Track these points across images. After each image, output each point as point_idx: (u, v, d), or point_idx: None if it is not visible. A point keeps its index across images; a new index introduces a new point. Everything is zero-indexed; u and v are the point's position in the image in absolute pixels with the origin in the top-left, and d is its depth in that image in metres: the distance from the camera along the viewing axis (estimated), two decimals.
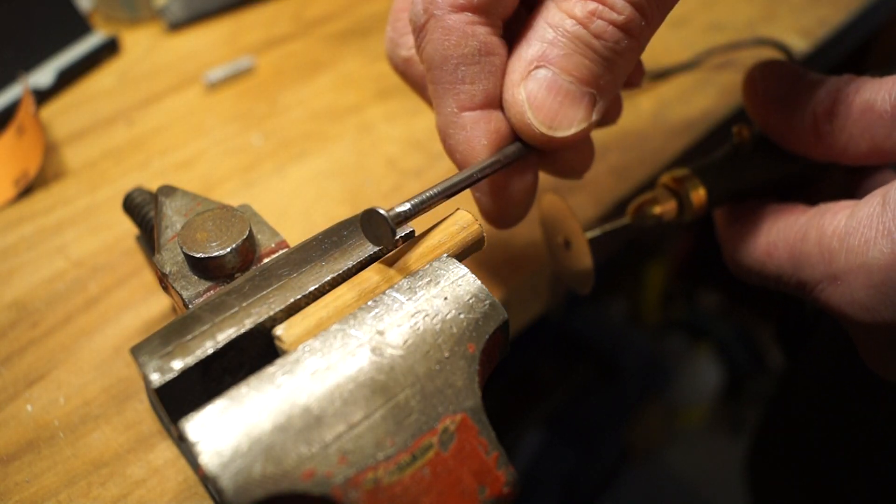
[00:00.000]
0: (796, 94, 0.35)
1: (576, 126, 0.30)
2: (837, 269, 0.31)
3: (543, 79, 0.30)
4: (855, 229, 0.31)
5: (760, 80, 0.37)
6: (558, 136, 0.30)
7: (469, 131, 0.32)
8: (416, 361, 0.26)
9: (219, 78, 0.62)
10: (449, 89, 0.31)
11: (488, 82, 0.31)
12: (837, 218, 0.32)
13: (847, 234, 0.31)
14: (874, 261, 0.29)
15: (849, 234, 0.31)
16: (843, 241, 0.31)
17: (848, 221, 0.31)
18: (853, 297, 0.31)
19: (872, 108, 0.32)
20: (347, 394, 0.25)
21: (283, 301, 0.28)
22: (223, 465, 0.23)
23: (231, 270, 0.32)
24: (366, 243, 0.30)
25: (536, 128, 0.30)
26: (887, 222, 0.29)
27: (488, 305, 0.28)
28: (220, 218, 0.33)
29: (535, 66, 0.30)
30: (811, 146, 0.35)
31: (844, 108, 0.33)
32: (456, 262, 0.29)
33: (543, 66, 0.29)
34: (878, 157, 0.34)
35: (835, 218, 0.32)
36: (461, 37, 0.30)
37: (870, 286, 0.30)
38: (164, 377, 0.26)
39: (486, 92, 0.31)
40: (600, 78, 0.30)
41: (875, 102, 0.32)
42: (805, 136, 0.35)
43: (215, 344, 0.27)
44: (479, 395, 0.26)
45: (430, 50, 0.31)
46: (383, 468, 0.24)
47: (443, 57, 0.31)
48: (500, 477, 0.25)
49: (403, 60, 0.37)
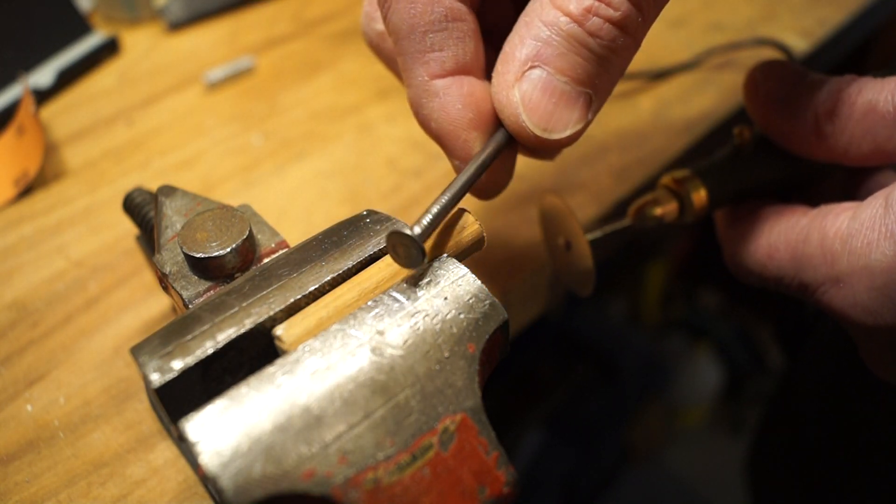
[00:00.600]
0: (797, 95, 0.35)
1: (571, 128, 0.30)
2: (839, 271, 0.31)
3: (538, 80, 0.29)
4: (857, 231, 0.30)
5: (762, 81, 0.36)
6: (553, 138, 0.30)
7: (442, 97, 0.31)
8: (416, 361, 0.26)
9: (219, 78, 0.62)
10: (418, 58, 0.30)
11: (457, 48, 0.30)
12: (839, 220, 0.32)
13: (849, 236, 0.31)
14: (877, 263, 0.29)
15: (851, 236, 0.31)
16: (845, 243, 0.31)
17: (850, 223, 0.31)
18: (855, 300, 0.31)
19: (875, 108, 0.32)
20: (347, 394, 0.25)
21: (283, 301, 0.28)
22: (223, 465, 0.23)
23: (231, 270, 0.32)
24: (366, 243, 0.30)
25: (531, 130, 0.29)
26: (890, 224, 0.29)
27: (488, 305, 0.28)
28: (220, 218, 0.33)
29: (530, 67, 0.29)
30: (812, 147, 0.35)
31: (846, 108, 0.33)
32: (456, 262, 0.29)
33: (538, 66, 0.29)
34: (879, 158, 0.33)
35: (837, 220, 0.32)
36: (426, 4, 0.29)
37: (872, 288, 0.30)
38: (164, 377, 0.26)
39: (455, 58, 0.30)
40: (596, 78, 0.29)
41: (877, 103, 0.32)
42: (806, 136, 0.35)
43: (215, 344, 0.27)
44: (479, 395, 0.26)
45: (396, 20, 0.30)
46: (383, 468, 0.24)
47: (409, 26, 0.30)
48: (500, 477, 0.25)
49: (378, 34, 0.36)
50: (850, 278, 0.31)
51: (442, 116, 0.31)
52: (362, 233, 0.31)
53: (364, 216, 0.32)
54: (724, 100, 0.58)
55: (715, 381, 1.46)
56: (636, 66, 0.60)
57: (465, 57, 0.31)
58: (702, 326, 1.49)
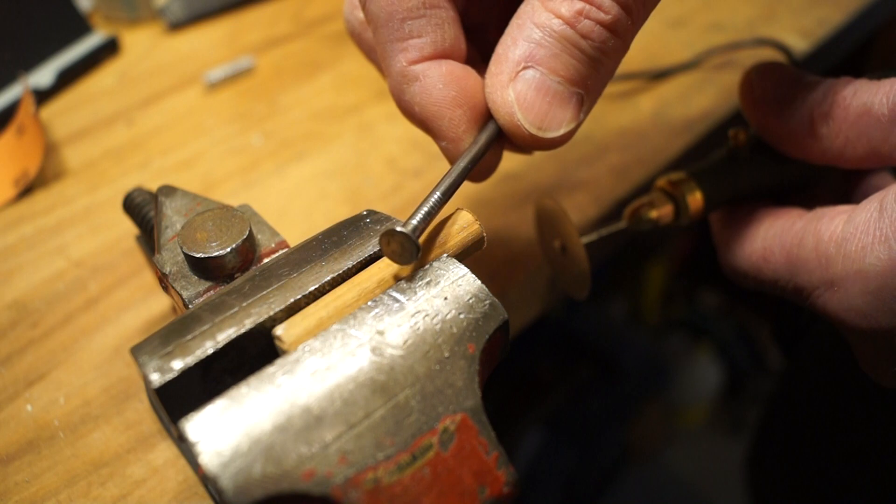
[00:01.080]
0: (793, 97, 0.35)
1: (564, 127, 0.30)
2: (834, 274, 0.31)
3: (532, 79, 0.29)
4: (852, 235, 0.30)
5: (757, 83, 0.36)
6: (548, 136, 0.30)
7: (423, 80, 0.31)
8: (416, 361, 0.26)
9: (219, 78, 0.62)
10: (397, 46, 0.31)
11: (436, 35, 0.31)
12: (834, 223, 0.32)
13: (844, 239, 0.31)
14: (871, 267, 0.29)
15: (846, 239, 0.31)
16: (840, 246, 0.31)
17: (845, 227, 0.31)
18: (850, 304, 0.31)
19: (870, 111, 0.32)
20: (347, 394, 0.25)
21: (283, 301, 0.28)
22: (223, 465, 0.23)
23: (231, 270, 0.32)
24: (366, 243, 0.30)
25: (526, 129, 0.30)
26: (884, 228, 0.29)
27: (488, 305, 0.28)
28: (220, 218, 0.33)
29: (523, 67, 0.29)
30: (807, 149, 0.35)
31: (841, 110, 0.33)
32: (456, 262, 0.29)
33: (531, 66, 0.29)
34: (875, 161, 0.33)
35: (832, 223, 0.32)
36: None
37: (866, 292, 0.30)
38: (164, 377, 0.26)
39: (434, 44, 0.31)
40: (588, 78, 0.29)
41: (872, 105, 0.32)
42: (801, 138, 0.35)
43: (215, 344, 0.27)
44: (479, 396, 0.26)
45: (375, 8, 0.30)
46: (383, 468, 0.24)
47: (388, 13, 0.30)
48: (500, 477, 0.25)
49: (360, 23, 0.36)
50: (845, 282, 0.30)
51: (424, 98, 0.31)
52: (362, 233, 0.31)
53: (364, 216, 0.32)
54: (724, 100, 0.58)
55: (715, 381, 1.46)
56: (636, 66, 0.60)
57: (445, 43, 0.31)
58: (702, 326, 1.49)
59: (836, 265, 0.31)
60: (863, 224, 0.30)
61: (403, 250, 0.28)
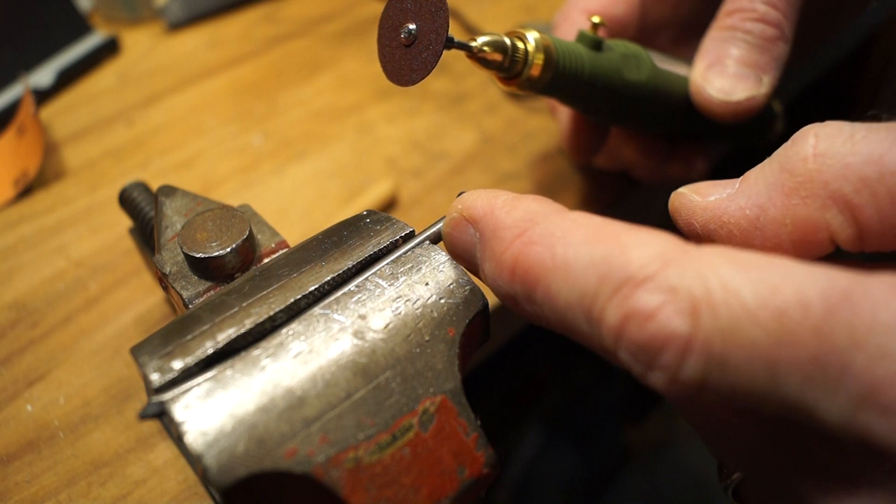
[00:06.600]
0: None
1: (745, 93, 0.39)
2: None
3: (722, 67, 0.40)
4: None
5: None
6: (733, 99, 0.39)
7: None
8: (398, 344, 0.27)
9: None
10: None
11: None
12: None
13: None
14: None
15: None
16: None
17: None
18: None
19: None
20: (329, 376, 0.25)
21: (284, 301, 0.28)
22: (208, 445, 0.23)
23: (231, 270, 0.32)
24: (366, 243, 0.30)
25: (714, 97, 0.39)
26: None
27: (469, 291, 0.28)
28: (220, 218, 0.33)
29: (716, 58, 0.40)
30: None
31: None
32: (438, 248, 0.30)
33: (725, 57, 0.40)
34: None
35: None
36: None
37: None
38: (164, 377, 0.26)
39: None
40: (759, 61, 0.40)
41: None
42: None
43: (215, 344, 0.27)
44: (459, 378, 0.27)
45: None
46: (364, 448, 0.24)
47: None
48: (480, 458, 0.26)
49: None
50: None
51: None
52: (362, 233, 0.31)
53: (364, 216, 0.32)
54: None
55: None
56: None
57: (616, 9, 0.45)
58: None
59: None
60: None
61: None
